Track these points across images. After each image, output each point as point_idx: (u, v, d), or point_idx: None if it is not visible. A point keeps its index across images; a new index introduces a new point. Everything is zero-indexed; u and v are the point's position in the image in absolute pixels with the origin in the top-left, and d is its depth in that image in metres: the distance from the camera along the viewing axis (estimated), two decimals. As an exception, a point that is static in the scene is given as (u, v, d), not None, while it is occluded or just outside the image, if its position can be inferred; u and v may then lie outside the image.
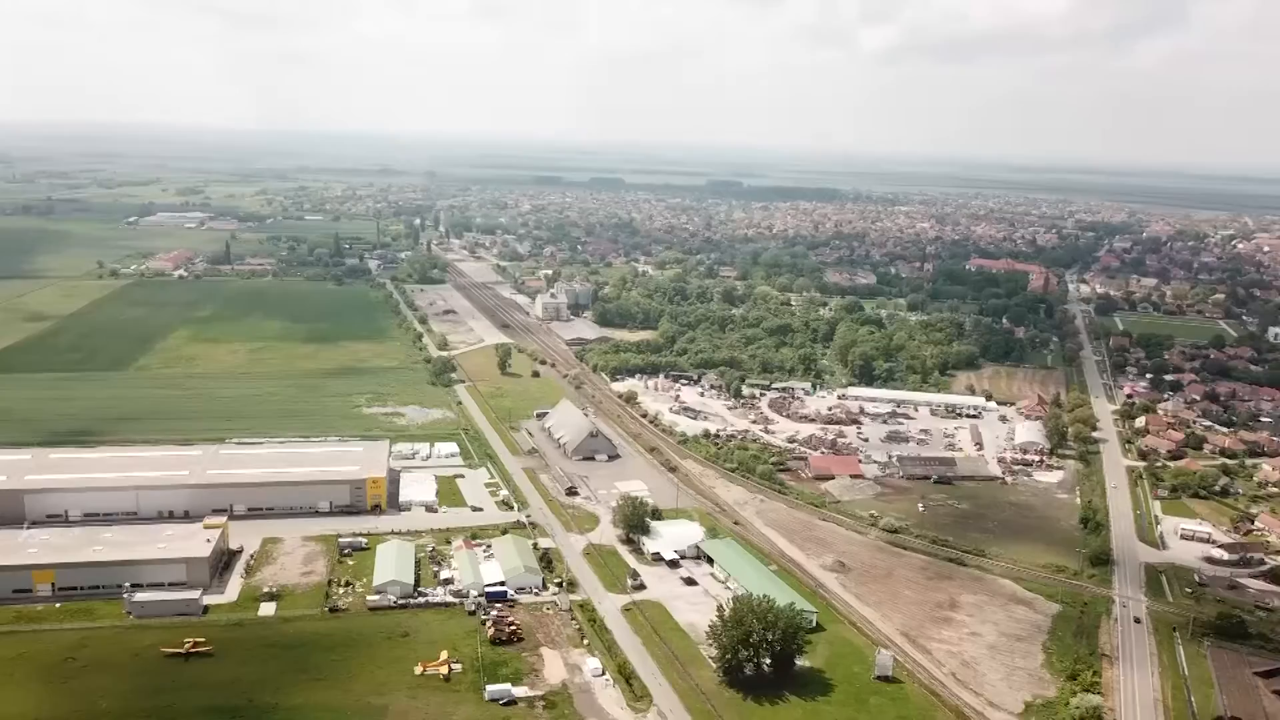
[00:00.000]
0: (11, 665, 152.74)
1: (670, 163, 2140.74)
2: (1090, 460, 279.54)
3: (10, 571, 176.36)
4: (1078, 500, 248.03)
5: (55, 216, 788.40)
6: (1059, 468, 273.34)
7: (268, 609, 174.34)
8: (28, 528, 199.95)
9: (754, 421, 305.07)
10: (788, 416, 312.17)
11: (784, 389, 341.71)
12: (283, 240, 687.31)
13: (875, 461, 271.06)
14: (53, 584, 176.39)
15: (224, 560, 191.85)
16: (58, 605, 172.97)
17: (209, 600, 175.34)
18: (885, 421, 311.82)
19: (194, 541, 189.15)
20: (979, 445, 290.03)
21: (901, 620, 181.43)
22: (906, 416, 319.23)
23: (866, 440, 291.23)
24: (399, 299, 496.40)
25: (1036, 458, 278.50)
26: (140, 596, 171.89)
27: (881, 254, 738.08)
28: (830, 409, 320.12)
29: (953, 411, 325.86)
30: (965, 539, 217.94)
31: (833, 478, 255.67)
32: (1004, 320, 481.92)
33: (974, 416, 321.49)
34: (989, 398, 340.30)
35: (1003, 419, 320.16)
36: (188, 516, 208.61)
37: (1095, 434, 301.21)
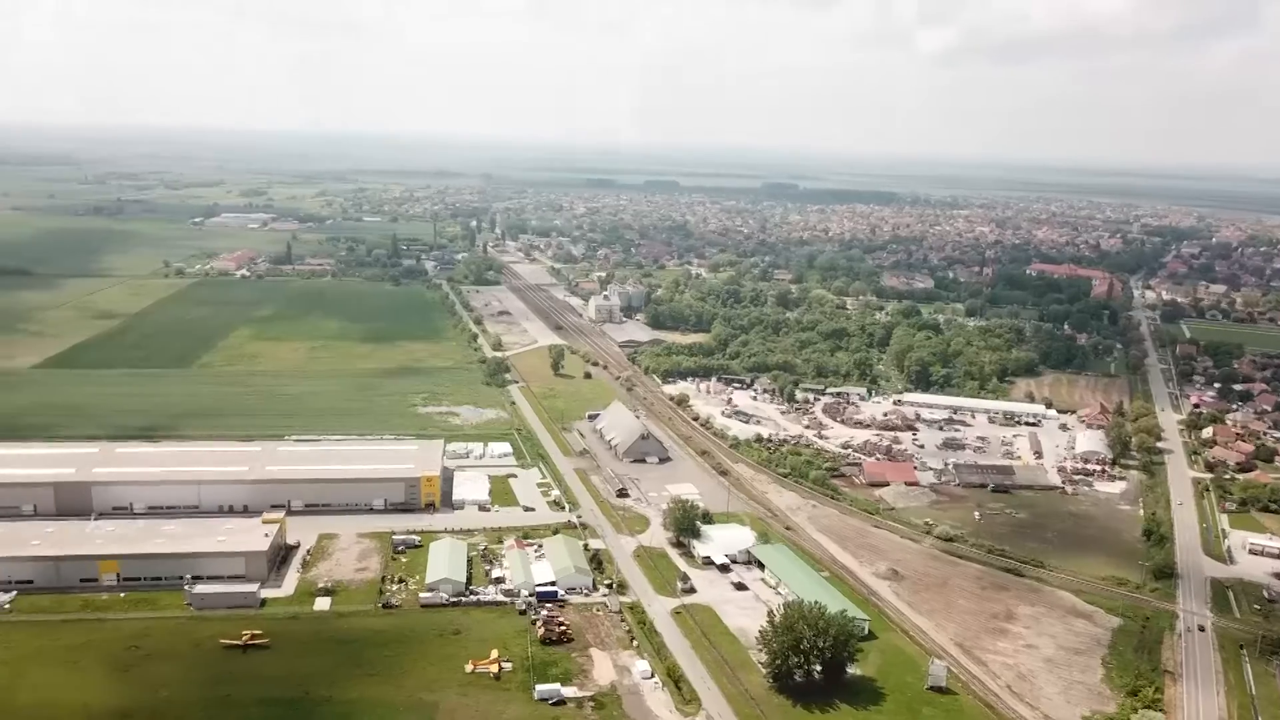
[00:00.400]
0: (78, 652, 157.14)
1: (725, 165, 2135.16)
2: (1154, 471, 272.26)
3: (78, 561, 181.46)
4: (1140, 512, 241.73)
5: (124, 217, 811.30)
6: (1121, 478, 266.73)
7: (323, 604, 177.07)
8: (95, 519, 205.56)
9: (807, 426, 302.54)
10: (842, 422, 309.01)
11: (838, 394, 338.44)
12: (342, 241, 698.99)
13: (930, 468, 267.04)
14: (118, 574, 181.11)
15: (281, 555, 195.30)
16: (122, 595, 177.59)
17: (266, 594, 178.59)
18: (941, 428, 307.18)
19: (252, 536, 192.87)
20: (1038, 454, 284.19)
21: (956, 630, 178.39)
22: (963, 423, 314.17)
23: (922, 447, 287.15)
24: (455, 300, 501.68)
25: (1098, 468, 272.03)
26: (200, 588, 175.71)
27: (939, 258, 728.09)
28: (885, 415, 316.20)
29: (1011, 419, 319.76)
30: (1023, 549, 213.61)
31: (887, 484, 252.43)
32: (1065, 326, 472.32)
33: (1033, 424, 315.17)
34: (1049, 405, 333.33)
35: (1063, 427, 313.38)
36: (247, 511, 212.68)
37: (1160, 444, 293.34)
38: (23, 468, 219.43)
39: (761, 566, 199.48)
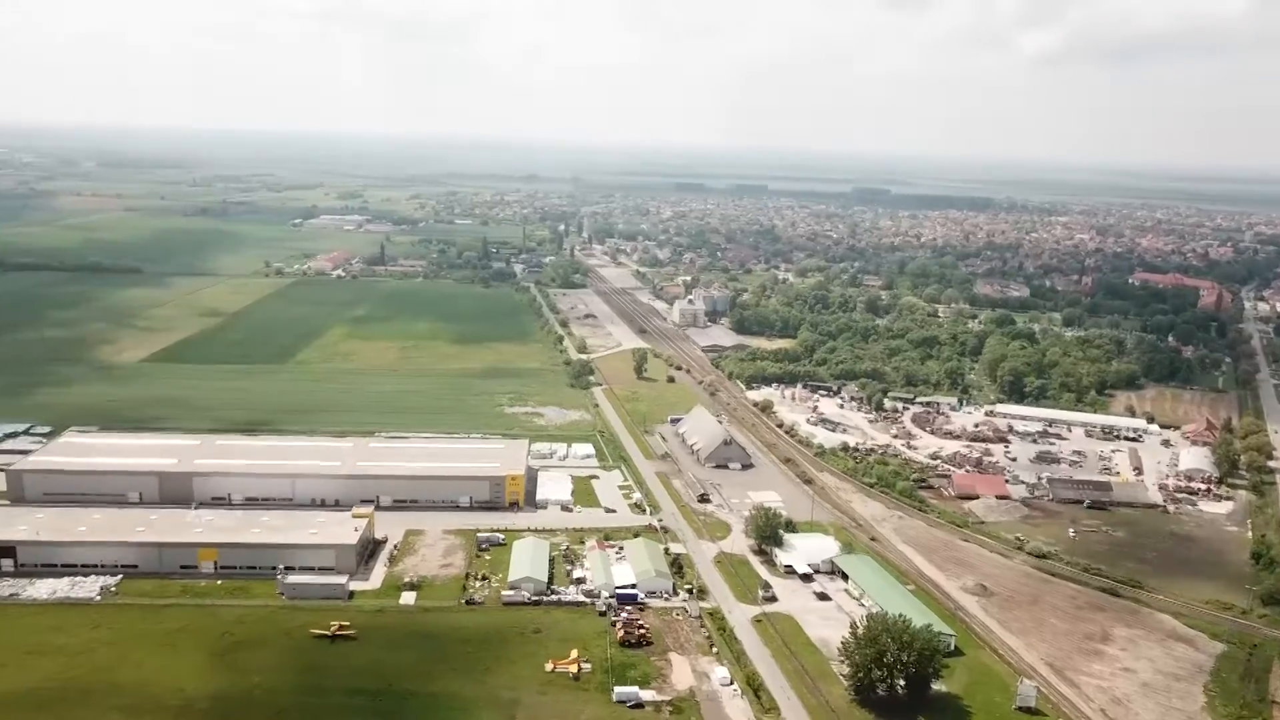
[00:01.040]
0: (177, 636, 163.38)
1: (815, 169, 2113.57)
2: (1265, 491, 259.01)
3: (180, 548, 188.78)
4: (1249, 534, 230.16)
5: (228, 218, 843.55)
6: (1228, 498, 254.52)
7: (408, 598, 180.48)
8: (195, 508, 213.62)
9: (895, 436, 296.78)
10: (931, 432, 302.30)
11: (928, 403, 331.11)
12: (434, 243, 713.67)
13: (1023, 482, 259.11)
14: (215, 562, 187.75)
15: (369, 549, 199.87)
16: (219, 582, 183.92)
17: (354, 586, 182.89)
18: (1035, 441, 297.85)
19: (343, 529, 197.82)
20: (1138, 470, 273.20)
21: (1047, 650, 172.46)
22: (1059, 437, 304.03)
23: (1014, 460, 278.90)
24: (542, 302, 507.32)
25: (1203, 486, 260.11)
26: (292, 579, 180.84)
27: (1036, 266, 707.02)
28: (977, 426, 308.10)
29: (1110, 433, 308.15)
30: (1120, 568, 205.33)
31: (977, 497, 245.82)
32: (1170, 338, 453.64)
33: (1133, 439, 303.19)
34: (1151, 420, 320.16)
35: (1166, 443, 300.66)
36: (338, 505, 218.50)
37: (1271, 463, 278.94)
38: (130, 457, 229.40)
39: (845, 577, 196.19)
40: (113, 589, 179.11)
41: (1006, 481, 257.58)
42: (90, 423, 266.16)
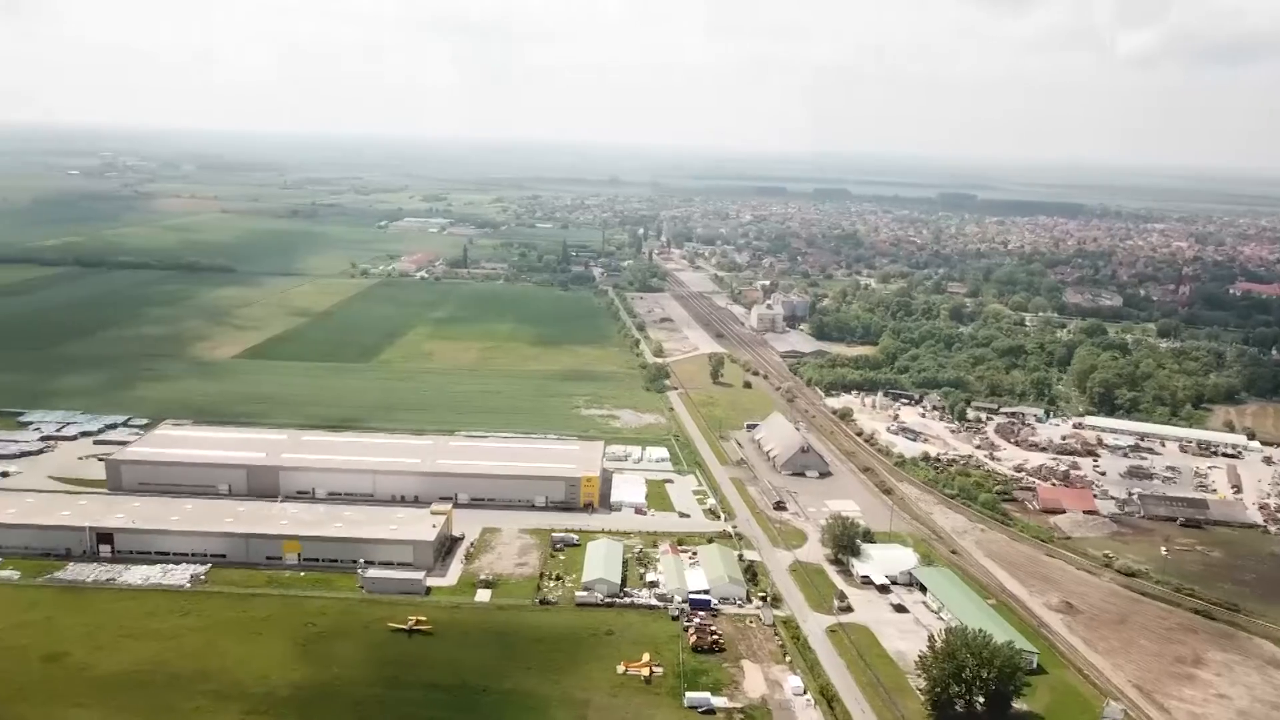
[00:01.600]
0: (262, 624, 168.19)
1: (899, 173, 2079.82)
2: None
3: (266, 540, 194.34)
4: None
5: (317, 220, 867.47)
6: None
7: (483, 595, 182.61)
8: (281, 501, 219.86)
9: (978, 446, 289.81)
10: (1016, 443, 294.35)
11: (1013, 414, 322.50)
12: (515, 246, 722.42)
13: (1112, 498, 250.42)
14: (299, 554, 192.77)
15: (447, 546, 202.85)
16: (301, 574, 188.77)
17: (431, 582, 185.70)
18: (1126, 455, 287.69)
19: (421, 526, 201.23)
20: (1237, 488, 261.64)
21: (1135, 672, 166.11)
22: (1151, 451, 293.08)
23: (1104, 474, 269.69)
24: (620, 306, 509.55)
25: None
26: (372, 573, 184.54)
27: (1129, 274, 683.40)
28: (1064, 438, 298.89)
29: (1207, 449, 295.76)
30: (1215, 590, 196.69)
31: (1063, 512, 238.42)
32: (1274, 351, 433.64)
33: (1233, 456, 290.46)
34: (1252, 436, 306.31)
35: (1268, 461, 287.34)
36: (417, 501, 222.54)
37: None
38: (221, 450, 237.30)
39: (923, 589, 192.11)
40: (202, 577, 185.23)
41: (1095, 496, 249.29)
42: (184, 416, 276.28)
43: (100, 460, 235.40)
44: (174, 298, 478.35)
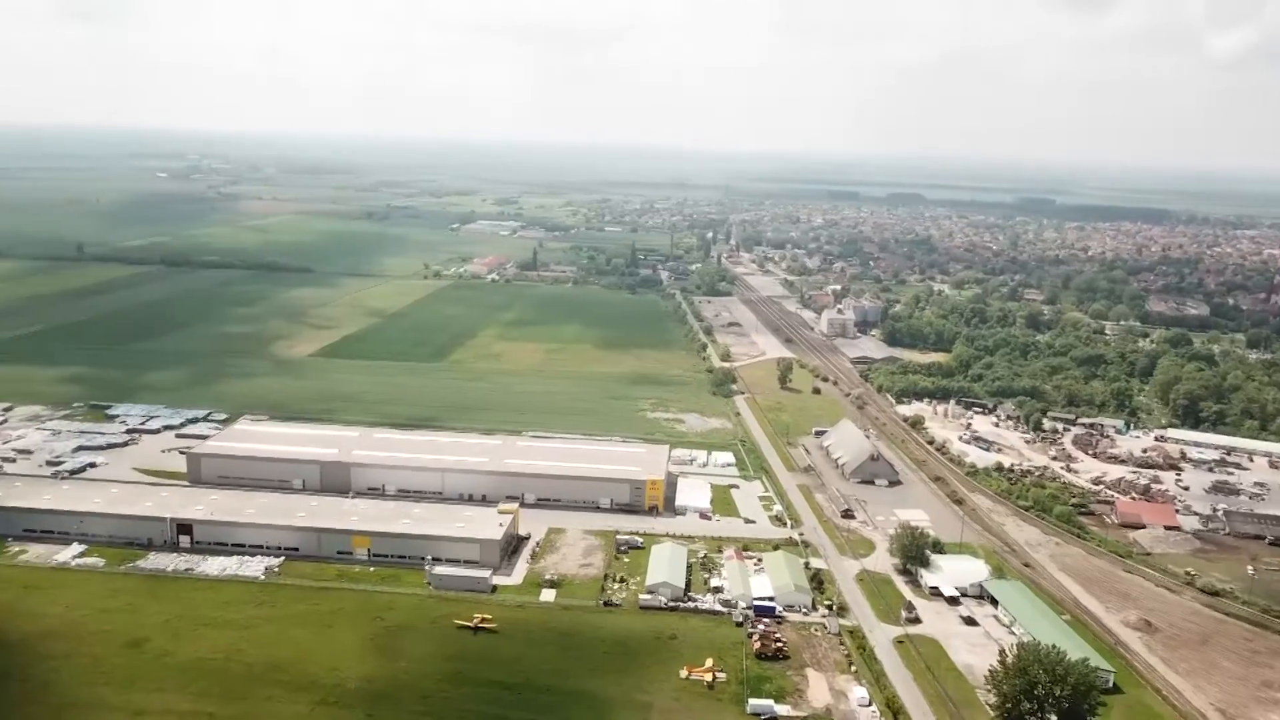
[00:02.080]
0: (333, 617, 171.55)
1: (974, 177, 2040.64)
2: None
3: (337, 534, 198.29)
4: None
5: (391, 222, 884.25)
6: None
7: (548, 595, 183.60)
8: (352, 497, 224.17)
9: (1054, 458, 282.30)
10: (1094, 455, 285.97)
11: (1091, 425, 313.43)
12: (584, 249, 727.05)
13: (1196, 513, 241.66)
14: (368, 549, 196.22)
15: (513, 545, 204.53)
16: (371, 569, 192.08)
17: (497, 581, 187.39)
18: (1211, 469, 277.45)
19: (488, 524, 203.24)
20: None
21: (1218, 695, 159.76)
22: (1238, 466, 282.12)
23: (1187, 489, 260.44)
24: (687, 309, 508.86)
25: None
26: (439, 570, 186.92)
27: (1217, 283, 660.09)
28: (1145, 451, 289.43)
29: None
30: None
31: (1143, 527, 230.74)
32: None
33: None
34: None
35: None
36: (485, 500, 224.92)
37: None
38: (295, 446, 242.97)
39: (994, 602, 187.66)
40: (275, 569, 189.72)
41: (1177, 511, 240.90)
42: (262, 411, 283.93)
43: (181, 453, 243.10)
44: (253, 297, 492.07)
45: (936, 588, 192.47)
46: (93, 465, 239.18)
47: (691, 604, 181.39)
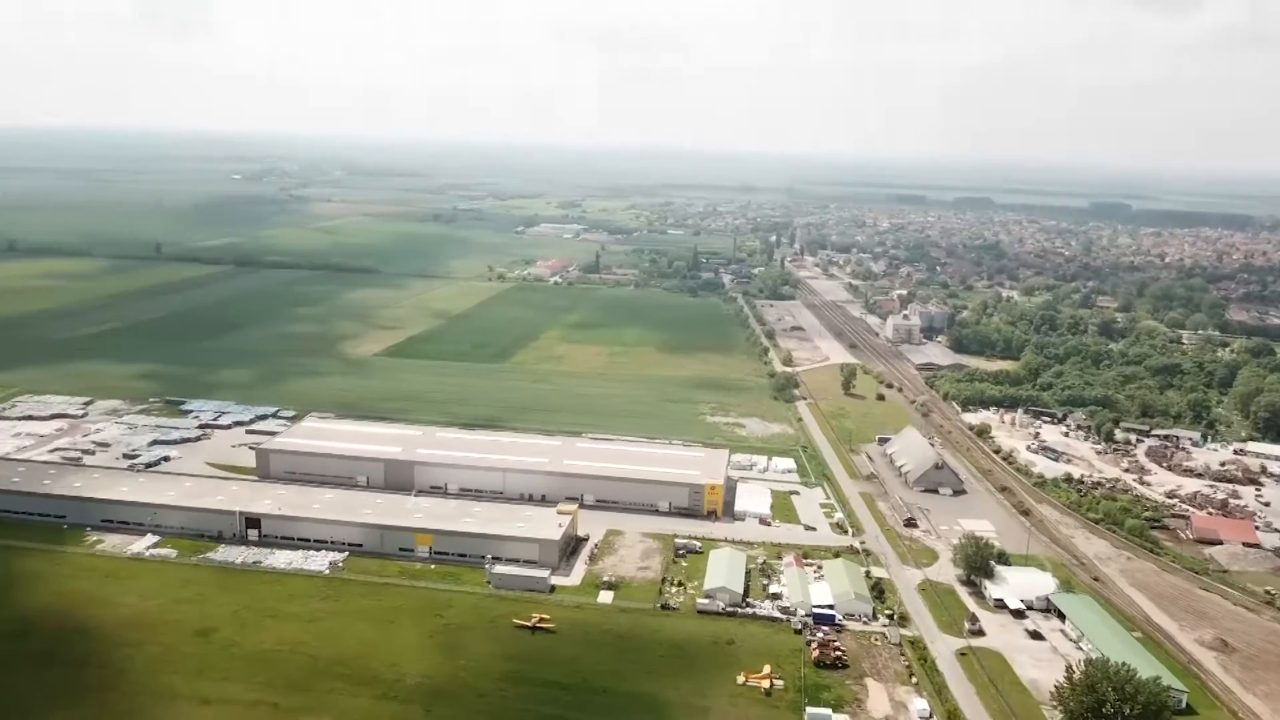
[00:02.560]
0: (394, 613, 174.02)
1: (1046, 182, 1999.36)
2: None
3: (400, 532, 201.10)
4: None
5: (457, 224, 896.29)
6: None
7: (606, 597, 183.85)
8: (415, 495, 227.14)
9: (1126, 470, 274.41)
10: (1168, 468, 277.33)
11: (1166, 437, 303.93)
12: (646, 253, 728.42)
13: (1277, 530, 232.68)
14: (430, 547, 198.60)
15: (571, 546, 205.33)
16: (432, 566, 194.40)
17: (556, 581, 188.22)
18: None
19: (548, 525, 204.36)
20: None
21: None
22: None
23: (1267, 505, 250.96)
24: (749, 313, 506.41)
25: None
26: (499, 569, 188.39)
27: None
28: (1223, 464, 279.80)
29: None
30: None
31: (1220, 543, 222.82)
32: None
33: None
34: None
35: None
36: (544, 501, 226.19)
37: None
38: (360, 443, 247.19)
39: (1062, 617, 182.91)
40: (339, 564, 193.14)
41: (1257, 528, 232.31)
42: (328, 409, 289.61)
43: (251, 449, 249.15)
44: (321, 297, 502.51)
45: (1001, 600, 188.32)
46: (167, 459, 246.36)
47: (750, 610, 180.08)
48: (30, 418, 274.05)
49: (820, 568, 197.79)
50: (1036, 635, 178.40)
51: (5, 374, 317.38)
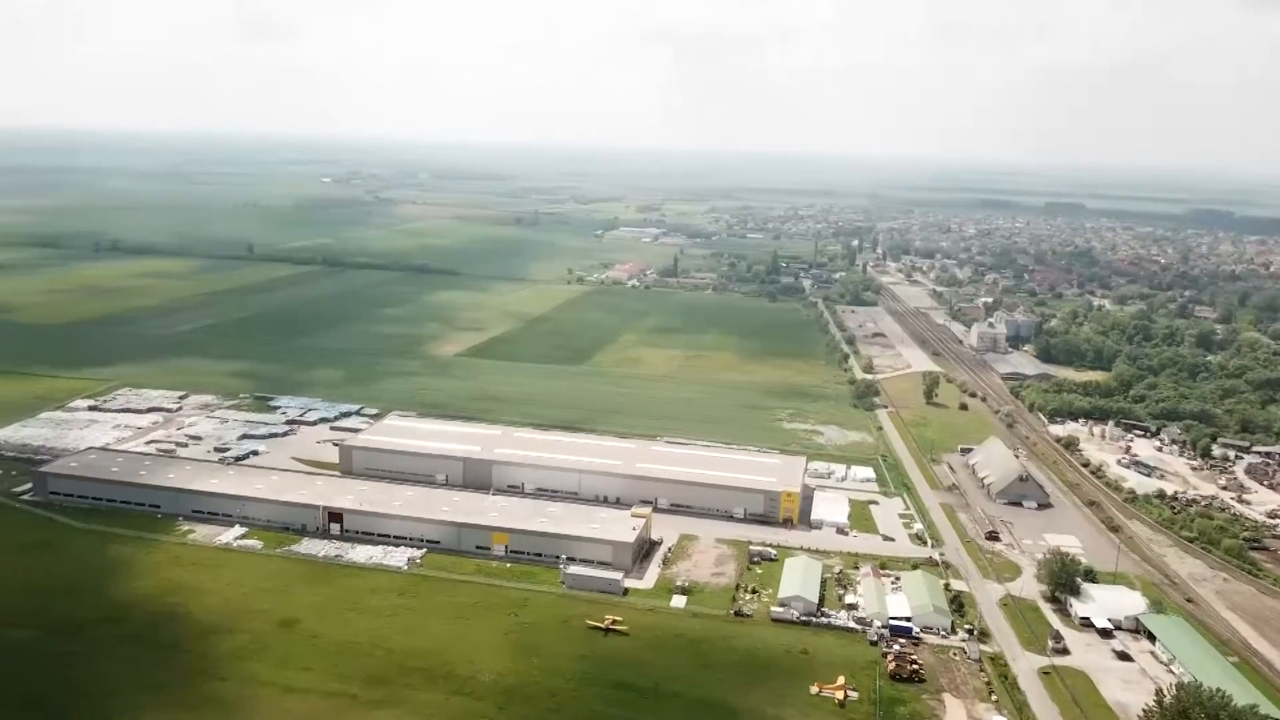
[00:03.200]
0: (470, 610, 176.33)
1: (1140, 187, 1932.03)
2: None
3: (477, 530, 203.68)
4: None
5: (539, 228, 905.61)
6: None
7: (678, 602, 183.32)
8: (492, 493, 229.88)
9: (1224, 487, 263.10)
10: (1270, 486, 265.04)
11: (1269, 454, 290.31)
12: (724, 256, 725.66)
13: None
14: (506, 546, 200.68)
15: (645, 549, 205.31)
16: (508, 565, 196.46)
17: (629, 584, 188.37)
18: None
19: (622, 527, 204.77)
20: None
21: None
22: None
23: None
24: (829, 319, 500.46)
25: None
26: (573, 570, 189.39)
27: None
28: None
29: None
30: None
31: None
32: None
33: None
34: None
35: None
36: (619, 503, 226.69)
37: None
38: (440, 442, 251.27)
39: (1152, 638, 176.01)
40: (418, 561, 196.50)
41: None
42: (410, 408, 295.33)
43: (335, 445, 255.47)
44: (406, 298, 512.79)
45: (1087, 618, 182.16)
46: (255, 453, 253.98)
47: (825, 619, 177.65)
48: (128, 410, 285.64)
49: (898, 579, 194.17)
50: (1124, 656, 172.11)
51: (107, 369, 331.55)
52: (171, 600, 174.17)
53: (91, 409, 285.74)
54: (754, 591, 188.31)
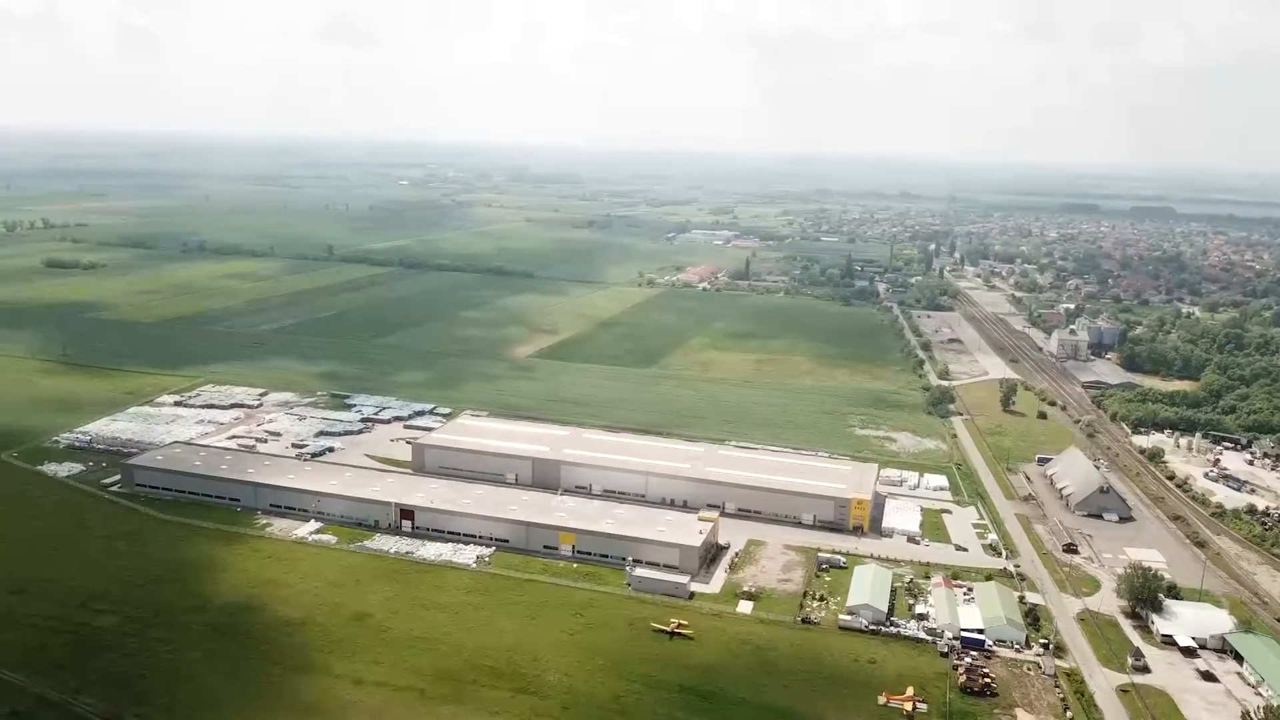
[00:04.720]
0: (537, 609, 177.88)
1: (1236, 191, 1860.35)
2: None
3: (545, 529, 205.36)
4: None
5: (612, 230, 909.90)
6: None
7: (745, 607, 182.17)
8: (560, 494, 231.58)
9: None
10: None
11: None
12: (798, 260, 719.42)
13: None
14: (573, 546, 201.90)
15: (712, 553, 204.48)
16: (574, 565, 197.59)
17: (695, 588, 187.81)
18: None
19: (688, 531, 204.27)
20: None
21: None
22: None
23: None
24: (904, 324, 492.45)
25: None
26: (639, 572, 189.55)
27: None
28: None
29: None
30: None
31: None
32: None
33: None
34: None
35: None
36: (686, 506, 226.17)
37: None
38: (510, 441, 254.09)
39: (1239, 658, 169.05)
40: (486, 559, 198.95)
41: None
42: (482, 407, 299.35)
43: (407, 443, 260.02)
44: (482, 300, 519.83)
45: (1170, 636, 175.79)
46: (330, 450, 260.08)
47: (894, 629, 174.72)
48: (212, 406, 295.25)
49: (970, 590, 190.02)
50: (1209, 676, 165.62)
51: (193, 367, 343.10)
52: (249, 591, 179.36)
53: (177, 404, 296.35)
54: (822, 599, 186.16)
